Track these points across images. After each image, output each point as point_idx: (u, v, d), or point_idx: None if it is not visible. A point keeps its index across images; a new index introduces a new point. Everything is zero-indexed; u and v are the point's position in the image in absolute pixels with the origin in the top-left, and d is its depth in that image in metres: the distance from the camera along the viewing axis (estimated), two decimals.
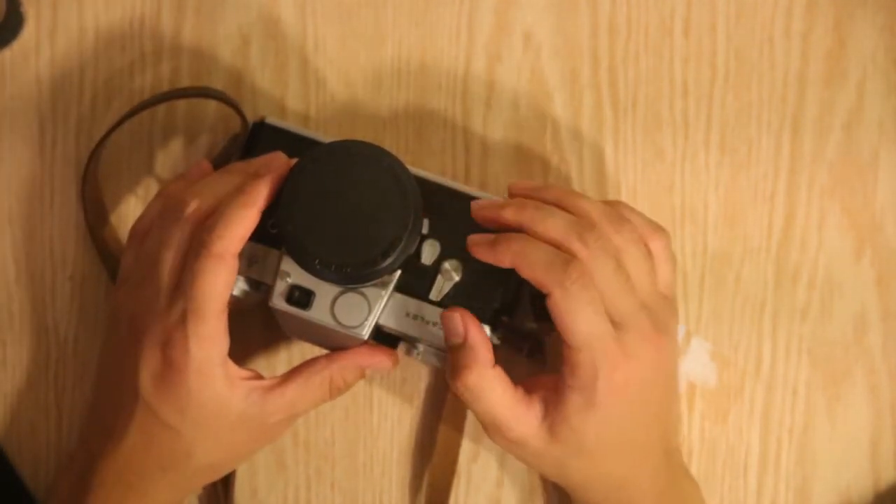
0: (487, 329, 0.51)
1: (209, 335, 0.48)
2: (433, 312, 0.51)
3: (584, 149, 0.58)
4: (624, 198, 0.57)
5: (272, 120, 0.54)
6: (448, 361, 0.50)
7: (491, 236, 0.49)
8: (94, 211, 0.57)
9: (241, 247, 0.48)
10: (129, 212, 0.58)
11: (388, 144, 0.56)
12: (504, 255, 0.48)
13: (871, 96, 0.57)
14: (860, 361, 0.57)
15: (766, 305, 0.57)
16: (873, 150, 0.57)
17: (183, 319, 0.48)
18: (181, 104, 0.58)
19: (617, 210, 0.50)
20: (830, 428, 0.57)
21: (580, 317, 0.47)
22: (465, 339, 0.49)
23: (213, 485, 0.57)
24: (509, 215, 0.49)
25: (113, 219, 0.58)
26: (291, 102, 0.58)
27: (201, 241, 0.48)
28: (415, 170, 0.52)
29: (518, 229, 0.49)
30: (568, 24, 0.58)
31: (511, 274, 0.50)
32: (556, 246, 0.48)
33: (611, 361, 0.47)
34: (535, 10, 0.58)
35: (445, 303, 0.51)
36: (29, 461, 0.58)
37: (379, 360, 0.52)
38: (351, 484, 0.58)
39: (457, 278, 0.51)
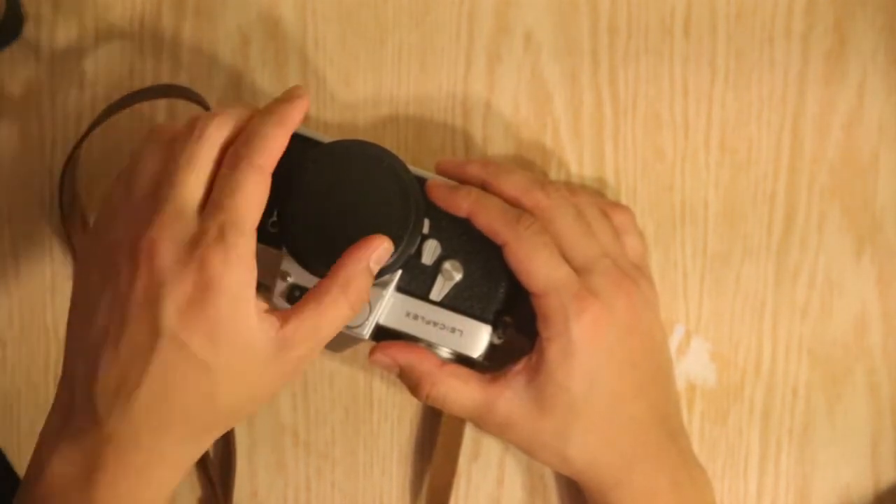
0: (489, 329, 0.51)
1: (248, 254, 0.45)
2: (434, 312, 0.51)
3: (584, 149, 0.58)
4: (624, 198, 0.57)
5: None
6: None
7: (452, 183, 0.52)
8: (72, 219, 0.57)
9: (274, 167, 0.46)
10: None
11: (388, 144, 0.56)
12: (462, 202, 0.51)
13: (871, 96, 0.57)
14: (860, 361, 0.57)
15: (766, 305, 0.57)
16: (873, 150, 0.57)
17: (221, 236, 0.44)
18: (180, 103, 0.58)
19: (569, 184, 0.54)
20: (831, 428, 0.57)
21: (537, 260, 0.49)
22: (399, 365, 0.52)
23: (213, 486, 0.57)
24: (473, 170, 0.52)
25: None
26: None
27: (239, 154, 0.46)
28: (415, 169, 0.52)
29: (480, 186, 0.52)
30: (568, 24, 0.58)
31: (512, 273, 0.50)
32: (516, 203, 0.51)
33: (579, 302, 0.49)
34: (535, 10, 0.58)
35: (446, 302, 0.51)
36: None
37: (376, 245, 0.48)
38: (351, 484, 0.58)
39: (457, 278, 0.51)
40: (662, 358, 0.53)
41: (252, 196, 0.45)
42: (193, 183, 0.46)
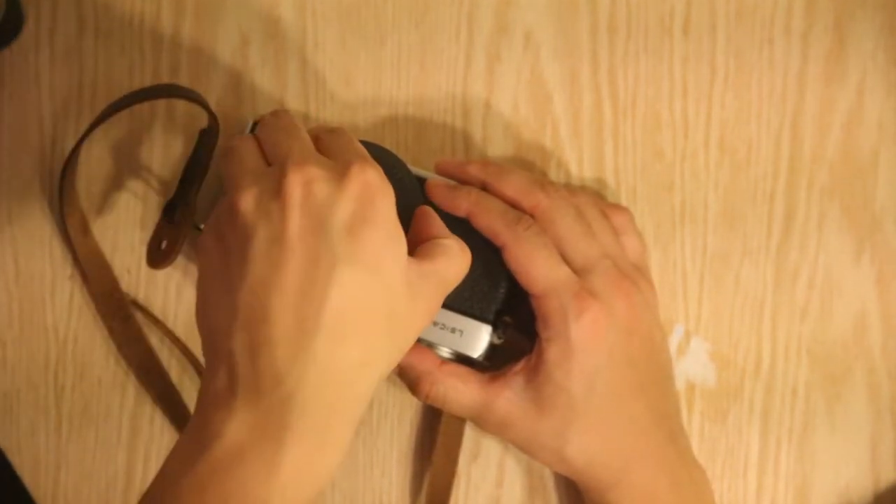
0: (489, 329, 0.51)
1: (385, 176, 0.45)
2: None
3: (584, 149, 0.58)
4: (624, 198, 0.57)
5: None
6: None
7: (452, 183, 0.52)
8: (72, 219, 0.57)
9: None
10: (129, 210, 0.58)
11: (388, 144, 0.56)
12: (461, 203, 0.51)
13: (871, 96, 0.57)
14: (860, 361, 0.57)
15: (766, 305, 0.57)
16: (873, 149, 0.57)
17: (363, 159, 0.45)
18: (180, 103, 0.58)
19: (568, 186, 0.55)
20: (830, 428, 0.57)
21: (536, 261, 0.50)
22: (399, 363, 0.50)
23: None
24: (473, 170, 0.53)
25: (111, 217, 0.58)
26: (291, 102, 0.58)
27: (327, 126, 0.48)
28: (415, 169, 0.52)
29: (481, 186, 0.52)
30: (568, 24, 0.58)
31: (512, 274, 0.50)
32: (516, 204, 0.51)
33: (578, 302, 0.49)
34: (535, 10, 0.58)
35: (446, 302, 0.51)
36: (29, 461, 0.58)
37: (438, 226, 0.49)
38: (351, 484, 0.58)
39: None
40: (662, 358, 0.53)
41: (355, 139, 0.47)
42: (305, 136, 0.47)
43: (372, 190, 0.44)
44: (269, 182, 0.44)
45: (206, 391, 0.43)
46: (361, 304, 0.43)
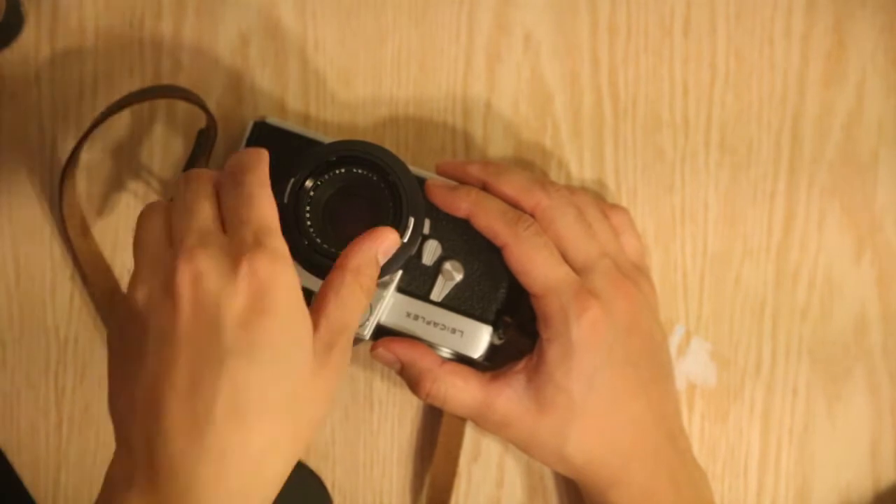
0: (489, 330, 0.51)
1: (288, 255, 0.44)
2: (434, 312, 0.51)
3: (584, 149, 0.58)
4: (624, 198, 0.57)
5: (273, 120, 0.54)
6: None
7: (451, 183, 0.52)
8: (72, 220, 0.57)
9: (268, 179, 0.46)
10: (129, 210, 0.58)
11: (388, 144, 0.56)
12: (461, 203, 0.51)
13: (871, 97, 0.57)
14: (860, 361, 0.57)
15: (766, 305, 0.57)
16: (873, 150, 0.57)
17: (258, 241, 0.43)
18: (180, 104, 0.58)
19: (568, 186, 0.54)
20: (830, 428, 0.57)
21: (536, 261, 0.50)
22: (400, 361, 0.52)
23: None
24: (473, 170, 0.52)
25: (111, 217, 0.58)
26: (291, 102, 0.58)
27: (236, 176, 0.45)
28: (415, 169, 0.52)
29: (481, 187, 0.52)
30: (568, 25, 0.58)
31: (512, 274, 0.50)
32: (516, 203, 0.51)
33: (579, 302, 0.49)
34: (535, 10, 0.58)
35: (446, 303, 0.51)
36: (29, 462, 0.58)
37: (384, 237, 0.47)
38: (351, 484, 0.58)
39: (458, 278, 0.51)
40: (662, 358, 0.53)
41: (268, 201, 0.45)
42: (208, 209, 0.45)
43: (266, 280, 0.42)
44: (161, 275, 0.43)
45: (109, 475, 0.43)
46: (257, 394, 0.42)
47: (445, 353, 0.53)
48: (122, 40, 0.58)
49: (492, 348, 0.52)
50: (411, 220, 0.49)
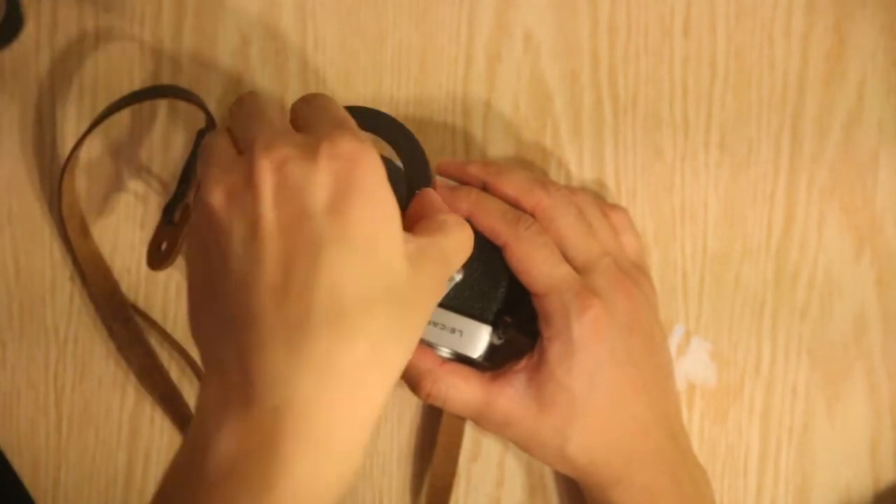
0: (489, 329, 0.51)
1: (366, 136, 0.41)
2: (434, 312, 0.51)
3: (584, 149, 0.58)
4: (624, 198, 0.57)
5: None
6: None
7: (452, 183, 0.52)
8: (72, 220, 0.57)
9: None
10: (129, 210, 0.58)
11: None
12: (461, 203, 0.51)
13: (871, 96, 0.57)
14: (860, 361, 0.57)
15: (766, 305, 0.57)
16: (873, 150, 0.57)
17: (338, 124, 0.41)
18: (180, 104, 0.58)
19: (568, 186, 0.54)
20: (830, 428, 0.57)
21: (537, 260, 0.50)
22: None
23: None
24: (473, 170, 0.53)
25: (111, 217, 0.58)
26: (291, 102, 0.58)
27: (304, 99, 0.44)
28: None
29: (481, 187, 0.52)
30: (568, 24, 0.58)
31: (512, 273, 0.50)
32: (516, 203, 0.51)
33: (580, 301, 0.49)
34: (535, 10, 0.58)
35: (446, 302, 0.51)
36: (28, 461, 0.58)
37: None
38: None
39: (458, 278, 0.51)
40: (662, 357, 0.53)
41: (335, 102, 0.43)
42: (278, 112, 0.43)
43: (350, 160, 0.40)
44: (238, 172, 0.40)
45: (200, 402, 0.40)
46: (358, 289, 0.38)
47: (445, 353, 0.53)
48: (122, 40, 0.58)
49: (491, 348, 0.52)
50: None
